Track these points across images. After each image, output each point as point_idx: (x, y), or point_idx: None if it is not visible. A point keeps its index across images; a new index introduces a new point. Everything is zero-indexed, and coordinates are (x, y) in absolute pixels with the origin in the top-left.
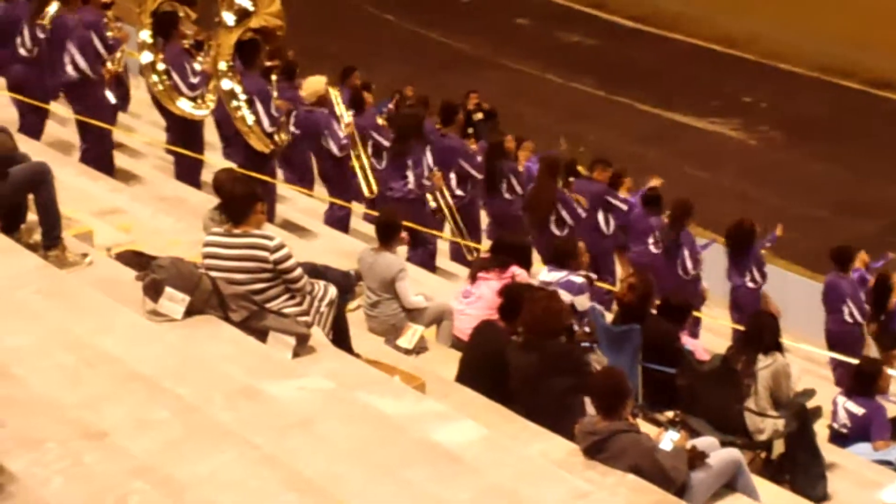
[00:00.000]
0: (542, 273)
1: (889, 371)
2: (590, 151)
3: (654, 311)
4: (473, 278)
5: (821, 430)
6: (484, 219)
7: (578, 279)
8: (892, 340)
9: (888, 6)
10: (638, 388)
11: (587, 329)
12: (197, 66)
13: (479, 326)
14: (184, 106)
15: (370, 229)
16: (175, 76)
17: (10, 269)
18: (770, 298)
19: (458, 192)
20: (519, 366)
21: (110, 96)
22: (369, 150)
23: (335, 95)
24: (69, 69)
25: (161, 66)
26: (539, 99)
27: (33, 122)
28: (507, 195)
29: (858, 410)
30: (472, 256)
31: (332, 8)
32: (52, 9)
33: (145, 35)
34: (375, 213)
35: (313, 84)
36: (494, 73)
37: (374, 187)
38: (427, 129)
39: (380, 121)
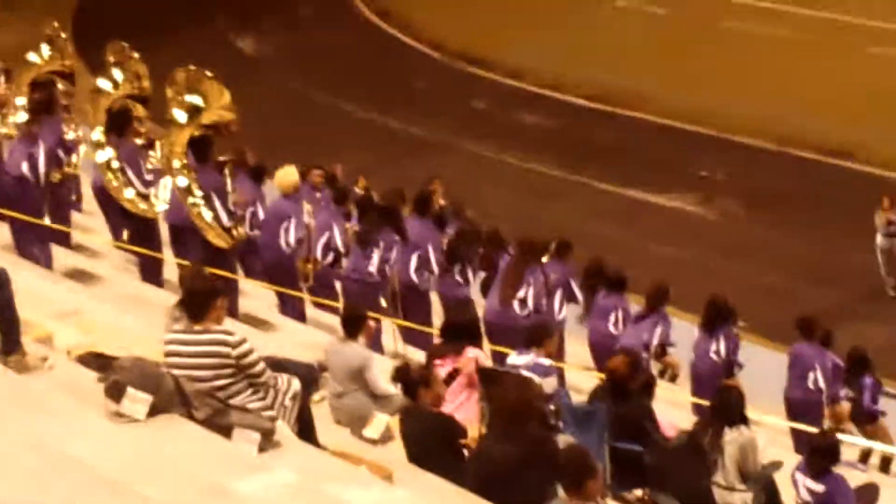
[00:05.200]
0: (510, 357)
1: (871, 443)
2: (551, 231)
3: None
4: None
5: (789, 500)
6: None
7: (546, 362)
8: (867, 417)
9: (842, 76)
10: (606, 467)
11: (552, 407)
12: (150, 165)
13: (406, 411)
14: (138, 203)
15: (326, 318)
16: (130, 173)
17: None
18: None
19: (414, 278)
20: (492, 457)
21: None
22: (321, 241)
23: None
24: (25, 167)
25: (116, 164)
26: (499, 180)
27: None
28: (458, 277)
29: (818, 487)
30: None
31: (289, 99)
32: (19, 117)
33: (98, 134)
34: (324, 301)
35: (287, 176)
36: (453, 157)
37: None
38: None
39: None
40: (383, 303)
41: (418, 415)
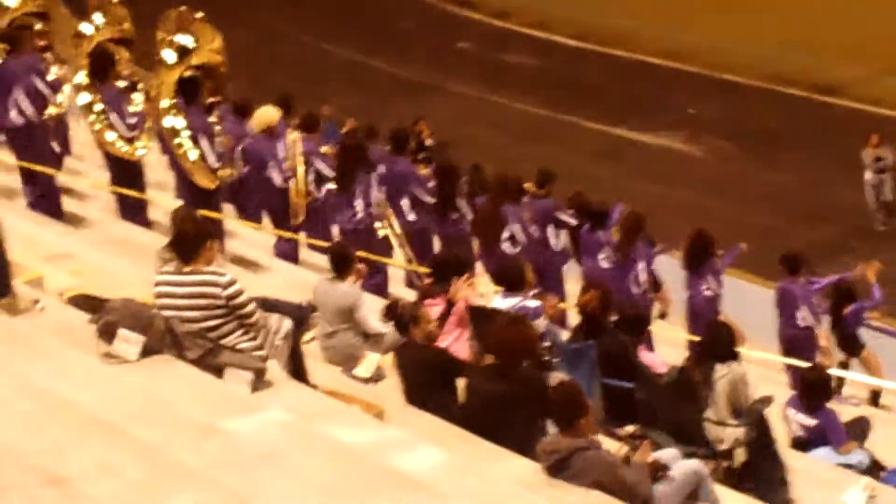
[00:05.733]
0: (495, 301)
1: (865, 377)
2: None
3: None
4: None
5: (781, 435)
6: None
7: (533, 303)
8: (856, 345)
9: (828, 12)
10: (598, 404)
11: (547, 344)
12: (132, 108)
13: (402, 345)
14: (120, 146)
15: (319, 259)
16: (113, 116)
17: None
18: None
19: (412, 218)
20: (483, 393)
21: (54, 145)
22: (310, 176)
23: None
24: (13, 114)
25: (98, 107)
26: (487, 121)
27: None
28: (453, 216)
29: (810, 422)
30: (423, 282)
31: (274, 42)
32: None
33: (81, 77)
34: (318, 242)
35: (265, 115)
36: (441, 98)
37: (301, 216)
38: (377, 155)
39: (323, 149)
40: (381, 232)
41: (413, 348)
